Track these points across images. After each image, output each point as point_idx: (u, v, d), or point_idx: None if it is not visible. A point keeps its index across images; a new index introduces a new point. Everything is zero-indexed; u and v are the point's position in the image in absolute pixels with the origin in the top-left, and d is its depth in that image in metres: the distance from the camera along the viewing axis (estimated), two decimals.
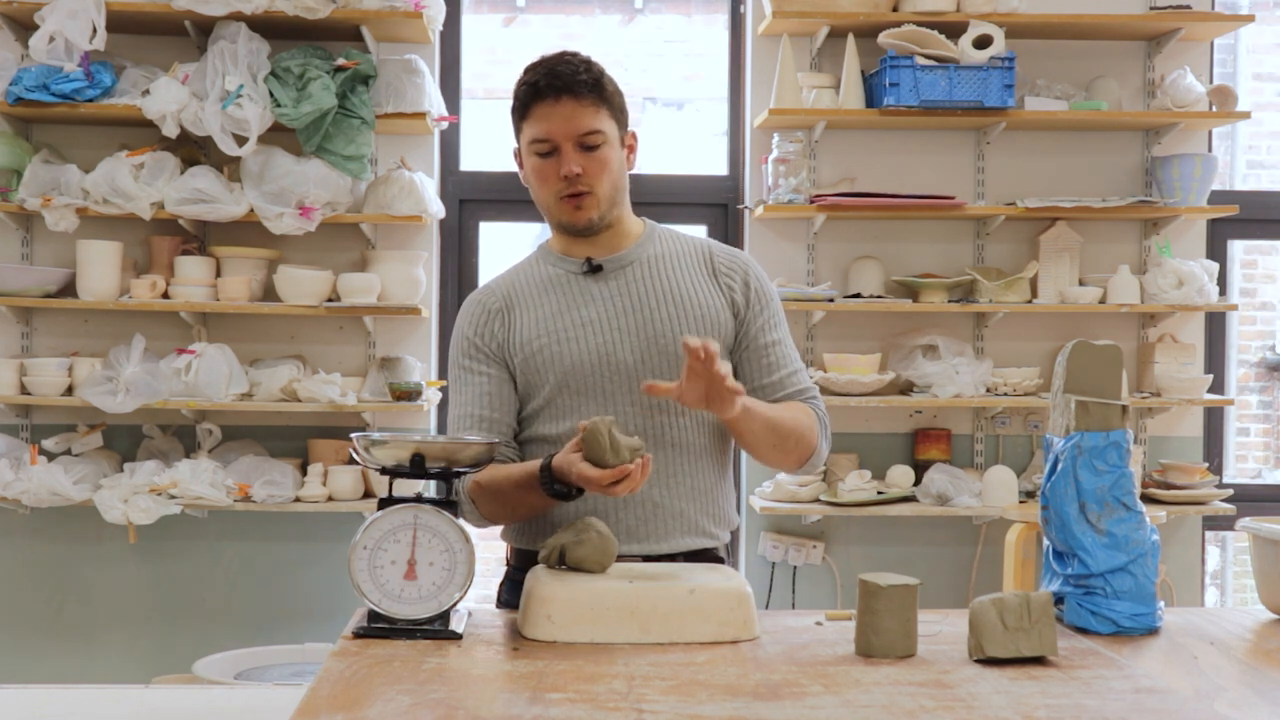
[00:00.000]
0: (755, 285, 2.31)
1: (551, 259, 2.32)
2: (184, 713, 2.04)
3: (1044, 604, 1.78)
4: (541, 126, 2.19)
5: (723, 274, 2.30)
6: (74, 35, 4.06)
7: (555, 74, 2.17)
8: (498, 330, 2.29)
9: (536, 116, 2.19)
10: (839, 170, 4.56)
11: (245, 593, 4.50)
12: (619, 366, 2.22)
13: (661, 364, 2.22)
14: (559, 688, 1.62)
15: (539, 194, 2.25)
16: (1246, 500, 4.70)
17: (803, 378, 2.32)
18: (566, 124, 2.17)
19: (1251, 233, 4.99)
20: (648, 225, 2.35)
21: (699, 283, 2.28)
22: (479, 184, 4.70)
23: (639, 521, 2.21)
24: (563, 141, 2.18)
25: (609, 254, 2.28)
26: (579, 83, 2.17)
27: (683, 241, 2.35)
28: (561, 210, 2.23)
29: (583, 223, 2.23)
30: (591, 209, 2.22)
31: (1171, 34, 4.50)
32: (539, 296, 2.28)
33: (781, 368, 2.30)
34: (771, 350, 2.29)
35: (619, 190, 2.26)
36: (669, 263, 2.29)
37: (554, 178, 2.20)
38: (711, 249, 2.34)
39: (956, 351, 4.42)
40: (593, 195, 2.21)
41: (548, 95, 2.17)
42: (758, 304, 2.30)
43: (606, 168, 2.21)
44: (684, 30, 5.58)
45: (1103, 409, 2.01)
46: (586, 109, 2.18)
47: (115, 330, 4.40)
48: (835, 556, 4.59)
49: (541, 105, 2.18)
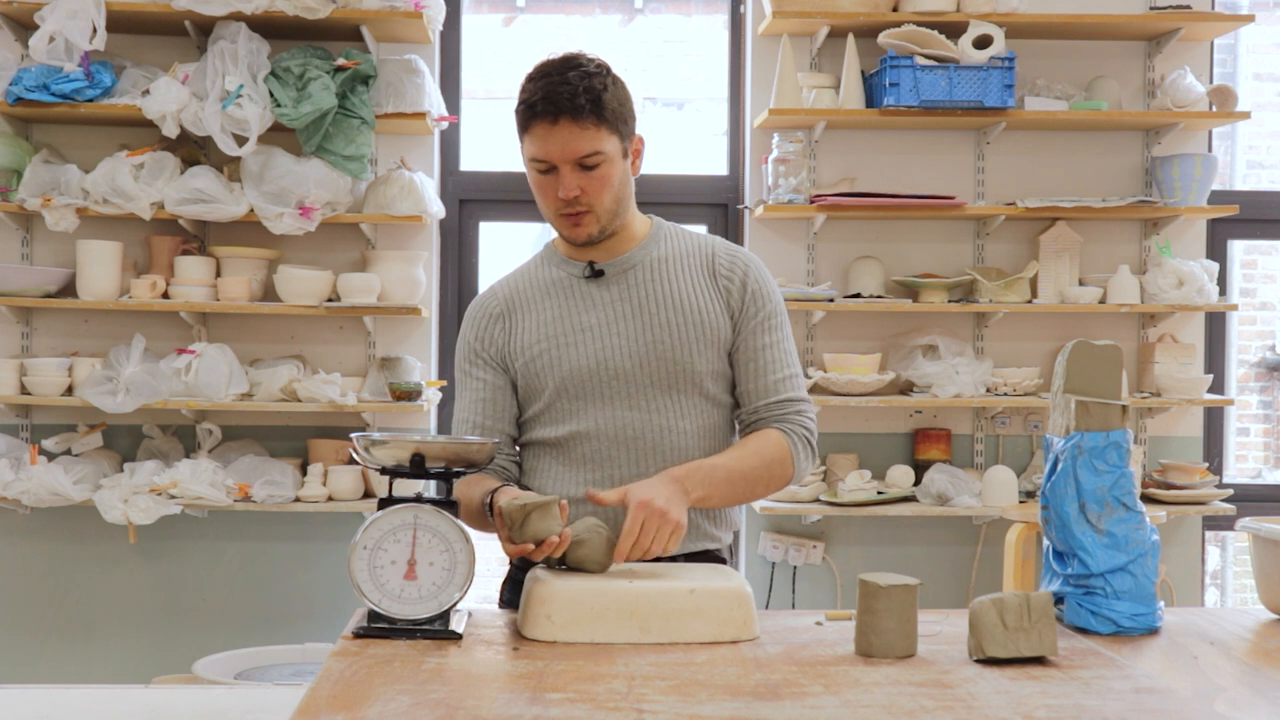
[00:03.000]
0: (753, 286, 2.28)
1: (555, 260, 2.32)
2: (184, 713, 2.04)
3: (1044, 604, 1.78)
4: (539, 147, 2.16)
5: (722, 275, 2.28)
6: (74, 35, 4.06)
7: (552, 96, 2.12)
8: (498, 335, 2.29)
9: (535, 135, 2.16)
10: (839, 170, 4.56)
11: (245, 593, 4.50)
12: (617, 372, 2.22)
13: (659, 369, 2.22)
14: (559, 688, 1.62)
15: (540, 205, 2.25)
16: (1246, 500, 4.70)
17: (792, 385, 2.28)
18: (564, 147, 2.14)
19: (1251, 233, 4.99)
20: (654, 224, 2.33)
21: (699, 286, 2.27)
22: (479, 184, 4.70)
23: None
24: (560, 163, 2.16)
25: (612, 257, 2.28)
26: (577, 106, 2.12)
27: (688, 241, 2.33)
28: (560, 225, 2.24)
29: (582, 238, 2.23)
30: (590, 225, 2.21)
31: (1171, 34, 4.49)
32: (541, 300, 2.28)
33: (771, 372, 2.26)
34: (763, 353, 2.27)
35: (620, 202, 2.24)
36: (671, 265, 2.28)
37: (553, 196, 2.19)
38: (714, 249, 2.31)
39: (956, 351, 4.42)
40: (591, 213, 2.20)
41: (544, 117, 2.13)
42: (753, 305, 2.27)
43: (606, 185, 2.19)
44: (684, 30, 5.58)
45: (1103, 409, 2.01)
46: (586, 130, 2.14)
47: (115, 330, 4.40)
48: (835, 556, 4.59)
49: (539, 125, 2.15)
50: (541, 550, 1.93)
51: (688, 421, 2.24)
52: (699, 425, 2.25)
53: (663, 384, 2.22)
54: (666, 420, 2.22)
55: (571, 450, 2.24)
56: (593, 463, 2.23)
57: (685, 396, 2.23)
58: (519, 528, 1.92)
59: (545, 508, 1.92)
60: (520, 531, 1.92)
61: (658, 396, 2.22)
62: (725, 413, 2.30)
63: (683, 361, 2.22)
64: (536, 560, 1.96)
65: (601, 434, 2.22)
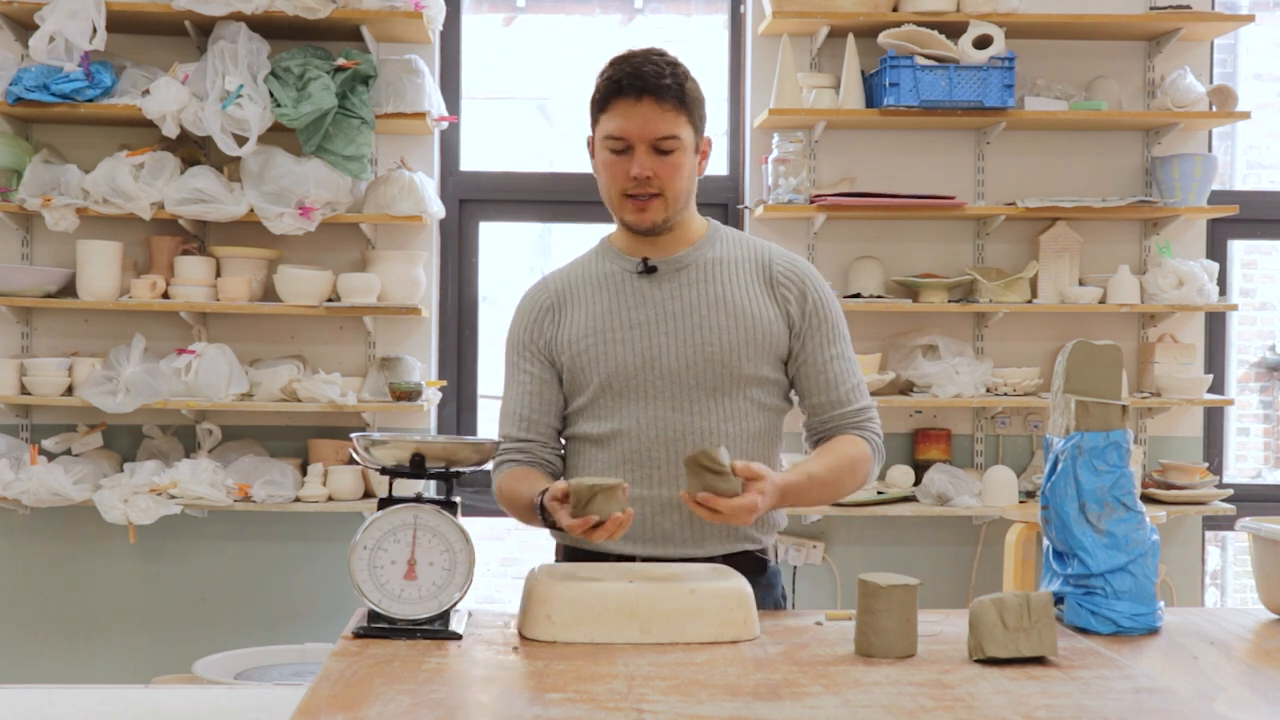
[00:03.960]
0: (814, 297, 2.29)
1: (611, 254, 2.33)
2: (184, 713, 2.04)
3: (1044, 604, 1.78)
4: (619, 124, 2.18)
5: (780, 284, 2.28)
6: (74, 35, 4.06)
7: (640, 74, 2.17)
8: (547, 327, 2.31)
9: (615, 112, 2.19)
10: (839, 170, 4.56)
11: (245, 593, 4.50)
12: (663, 371, 2.22)
13: (706, 371, 2.22)
14: (559, 688, 1.62)
15: (606, 188, 2.26)
16: (1246, 500, 4.69)
17: (860, 394, 2.31)
18: (644, 125, 2.17)
19: (1251, 233, 4.99)
20: (711, 226, 2.35)
21: (753, 291, 2.27)
22: (479, 184, 4.70)
23: (676, 526, 2.22)
24: (638, 142, 2.18)
25: (667, 255, 2.29)
26: (663, 86, 2.17)
27: (744, 246, 2.33)
28: (625, 208, 2.24)
29: (646, 224, 2.24)
30: (657, 212, 2.23)
31: (1171, 34, 4.49)
32: (592, 294, 2.29)
33: (839, 385, 2.29)
34: (830, 366, 2.28)
35: (687, 195, 2.26)
36: (726, 268, 2.28)
37: (623, 176, 2.21)
38: (771, 256, 2.32)
39: (956, 351, 4.42)
40: (661, 199, 2.22)
41: (629, 93, 2.17)
42: (815, 317, 2.28)
43: (679, 173, 2.21)
44: (684, 30, 5.58)
45: (1103, 409, 2.01)
46: (666, 113, 2.18)
47: (115, 330, 4.40)
48: (835, 556, 4.59)
49: (622, 102, 2.18)
50: (604, 529, 1.97)
51: (732, 425, 2.23)
52: (743, 429, 2.24)
53: (708, 386, 2.22)
54: (710, 423, 2.22)
55: (613, 447, 2.24)
56: (633, 462, 2.23)
57: (731, 400, 2.24)
58: (583, 506, 1.98)
59: (611, 490, 1.98)
60: (583, 509, 1.98)
61: (703, 399, 2.23)
62: (770, 417, 2.30)
63: (730, 365, 2.22)
64: (595, 540, 2.00)
65: (644, 433, 2.23)
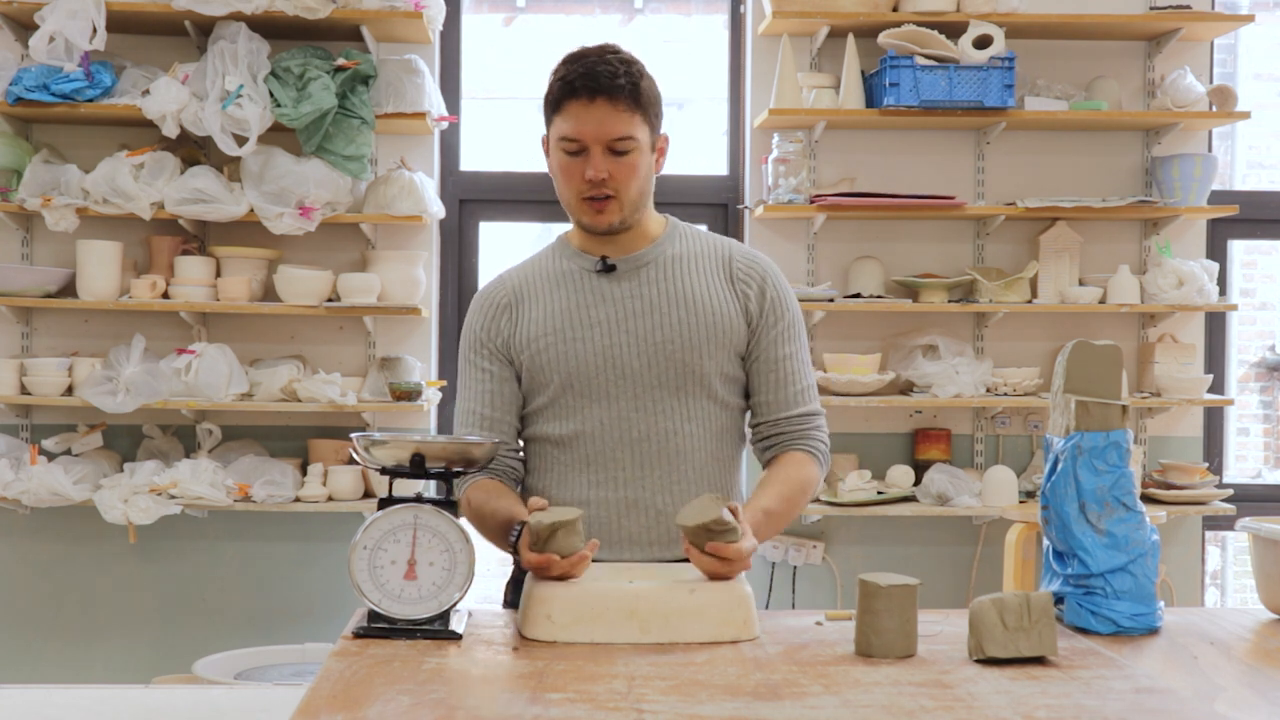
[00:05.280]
0: (772, 294, 2.27)
1: (568, 253, 2.30)
2: (184, 713, 2.04)
3: (1044, 604, 1.78)
4: (572, 125, 2.15)
5: (740, 279, 2.27)
6: (74, 35, 4.06)
7: (593, 74, 2.12)
8: (504, 326, 2.27)
9: (569, 114, 2.15)
10: (839, 170, 4.56)
11: (245, 593, 4.50)
12: (624, 370, 2.20)
13: (668, 370, 2.20)
14: (559, 688, 1.62)
15: (562, 190, 2.23)
16: (1246, 500, 4.70)
17: (809, 397, 2.29)
18: (598, 127, 2.13)
19: (1251, 233, 4.99)
20: (669, 224, 2.32)
21: (714, 286, 2.25)
22: (479, 184, 4.70)
23: (642, 529, 2.21)
24: (592, 144, 2.15)
25: (625, 254, 2.26)
26: (617, 86, 2.12)
27: (703, 242, 2.31)
28: (582, 211, 2.21)
29: (604, 226, 2.21)
30: (613, 214, 2.20)
31: (1171, 34, 4.49)
32: (550, 292, 2.26)
33: (791, 384, 2.27)
34: (783, 364, 2.27)
35: (644, 195, 2.23)
36: (685, 265, 2.26)
37: (579, 177, 2.17)
38: (732, 252, 2.30)
39: (956, 351, 4.42)
40: (616, 200, 2.19)
41: (583, 94, 2.13)
42: (773, 314, 2.26)
43: (634, 174, 2.18)
44: (684, 30, 5.58)
45: (1103, 409, 2.01)
46: (621, 114, 2.14)
47: (115, 330, 4.39)
48: (835, 556, 4.59)
49: (575, 103, 2.14)
50: (565, 565, 1.91)
51: (694, 424, 2.22)
52: (706, 429, 2.23)
53: (670, 385, 2.20)
54: (673, 423, 2.21)
55: (575, 449, 2.22)
56: (596, 464, 2.21)
57: (693, 399, 2.22)
58: (543, 543, 1.92)
59: (570, 525, 1.92)
60: (544, 546, 1.92)
61: (665, 398, 2.21)
62: (733, 416, 2.28)
63: (692, 363, 2.20)
64: (554, 575, 1.92)
65: (607, 434, 2.20)
